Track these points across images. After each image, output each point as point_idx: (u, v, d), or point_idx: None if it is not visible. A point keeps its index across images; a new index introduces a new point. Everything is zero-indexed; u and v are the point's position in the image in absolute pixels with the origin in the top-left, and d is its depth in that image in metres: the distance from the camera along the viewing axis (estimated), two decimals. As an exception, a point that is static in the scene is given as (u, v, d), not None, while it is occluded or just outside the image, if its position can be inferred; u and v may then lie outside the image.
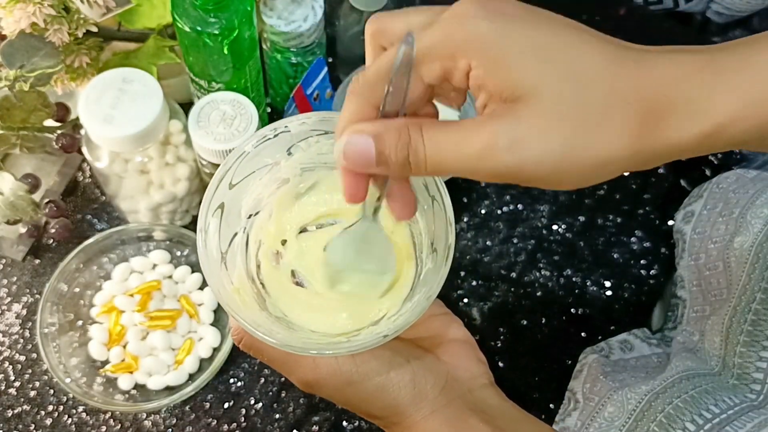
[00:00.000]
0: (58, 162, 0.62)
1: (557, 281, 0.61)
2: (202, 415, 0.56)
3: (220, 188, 0.38)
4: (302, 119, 0.38)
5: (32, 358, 0.57)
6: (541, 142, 0.28)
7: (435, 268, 0.37)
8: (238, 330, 0.39)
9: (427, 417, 0.38)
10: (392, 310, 0.39)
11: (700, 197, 0.58)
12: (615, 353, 0.55)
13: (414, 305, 0.37)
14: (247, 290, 0.39)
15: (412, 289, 0.39)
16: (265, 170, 0.39)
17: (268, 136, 0.38)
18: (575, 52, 0.29)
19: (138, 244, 0.60)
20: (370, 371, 0.38)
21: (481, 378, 0.41)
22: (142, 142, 0.52)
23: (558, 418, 0.52)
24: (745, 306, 0.48)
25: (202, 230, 0.37)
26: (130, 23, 0.56)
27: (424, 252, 0.39)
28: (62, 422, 0.55)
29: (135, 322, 0.56)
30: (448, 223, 0.36)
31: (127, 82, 0.51)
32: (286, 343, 0.35)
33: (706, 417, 0.44)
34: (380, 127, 0.31)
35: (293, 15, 0.58)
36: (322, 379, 0.38)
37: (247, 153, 0.38)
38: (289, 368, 0.39)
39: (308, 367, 0.38)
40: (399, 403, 0.38)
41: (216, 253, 0.37)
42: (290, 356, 0.38)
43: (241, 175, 0.38)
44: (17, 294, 0.60)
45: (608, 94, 0.28)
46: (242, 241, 0.40)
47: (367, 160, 0.31)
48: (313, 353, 0.36)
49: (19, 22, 0.50)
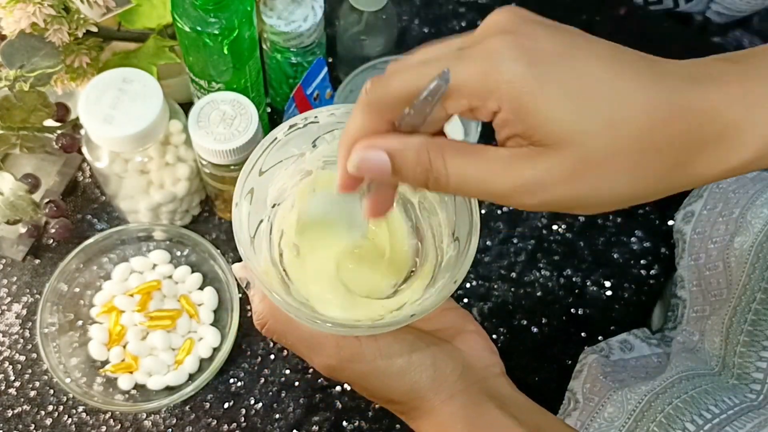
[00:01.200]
0: (58, 162, 0.62)
1: (557, 281, 0.61)
2: (202, 415, 0.56)
3: (252, 173, 0.38)
4: (331, 110, 0.38)
5: (32, 358, 0.57)
6: (568, 189, 0.28)
7: (458, 255, 0.37)
8: (264, 314, 0.39)
9: (445, 401, 0.39)
10: (414, 296, 0.39)
11: (700, 197, 0.58)
12: (615, 353, 0.55)
13: (439, 289, 0.37)
14: (272, 275, 0.39)
15: (433, 276, 0.39)
16: (291, 160, 0.40)
17: (298, 125, 0.38)
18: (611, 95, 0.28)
19: (138, 244, 0.60)
20: (392, 353, 0.38)
21: (494, 368, 0.42)
22: (142, 142, 0.52)
23: (558, 418, 0.52)
24: (745, 306, 0.48)
25: (237, 207, 0.37)
26: (130, 23, 0.56)
27: (444, 242, 0.40)
28: (62, 422, 0.55)
29: (135, 322, 0.56)
30: (472, 212, 0.36)
31: (127, 82, 0.51)
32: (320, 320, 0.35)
33: (706, 417, 0.44)
34: (398, 145, 0.30)
35: (293, 15, 0.58)
36: (345, 362, 0.38)
37: (278, 140, 0.38)
38: (312, 352, 0.39)
39: (332, 349, 0.38)
40: (420, 387, 0.39)
41: (246, 236, 0.37)
42: (314, 339, 0.39)
43: (270, 163, 0.39)
44: (17, 294, 0.60)
45: (643, 141, 0.28)
46: (267, 228, 0.40)
47: (382, 174, 0.30)
48: (342, 331, 0.36)
49: (19, 22, 0.50)
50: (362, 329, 0.36)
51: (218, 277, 0.58)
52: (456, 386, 0.39)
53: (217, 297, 0.58)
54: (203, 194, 0.61)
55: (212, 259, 0.58)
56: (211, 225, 0.63)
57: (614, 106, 0.28)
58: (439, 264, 0.40)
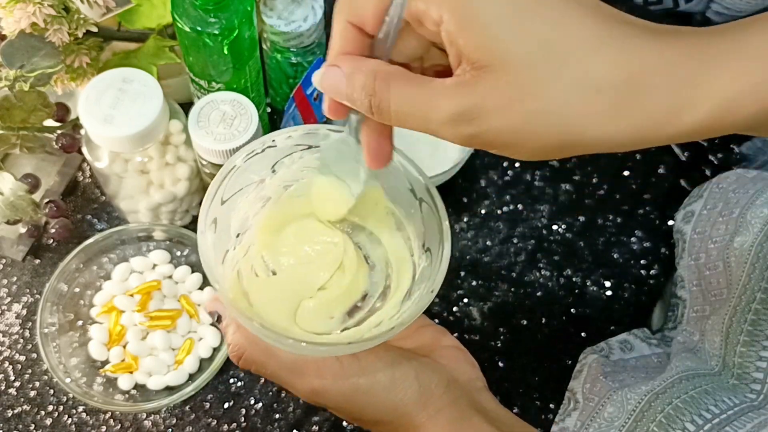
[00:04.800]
0: (58, 162, 0.62)
1: (557, 281, 0.61)
2: (202, 415, 0.56)
3: (214, 202, 0.37)
4: (289, 132, 0.38)
5: (32, 358, 0.57)
6: (502, 119, 0.27)
7: (431, 265, 0.37)
8: (239, 345, 0.39)
9: (433, 416, 0.38)
10: (391, 311, 0.39)
11: (700, 197, 0.58)
12: (615, 353, 0.55)
13: (416, 300, 0.37)
14: (242, 302, 0.39)
15: (409, 290, 0.39)
16: (251, 187, 0.39)
17: (256, 151, 0.38)
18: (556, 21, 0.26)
19: (138, 244, 0.60)
20: (375, 370, 0.38)
21: (477, 381, 0.41)
22: (142, 142, 0.52)
23: (558, 419, 0.52)
24: (745, 306, 0.48)
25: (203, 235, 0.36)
26: (130, 23, 0.56)
27: (415, 254, 0.39)
28: (62, 422, 0.55)
29: (135, 322, 0.56)
30: (440, 220, 0.36)
31: (127, 82, 0.51)
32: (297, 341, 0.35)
33: (706, 417, 0.44)
34: (352, 67, 0.30)
35: (293, 15, 0.58)
36: (328, 385, 0.37)
37: (237, 167, 0.38)
38: (294, 377, 0.38)
39: (313, 373, 0.37)
40: (406, 402, 0.38)
41: (213, 264, 0.37)
42: (294, 365, 0.38)
43: (231, 191, 0.38)
44: (17, 294, 0.60)
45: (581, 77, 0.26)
46: (233, 257, 0.40)
47: (339, 94, 0.30)
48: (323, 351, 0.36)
49: (19, 22, 0.50)
50: (342, 347, 0.35)
51: (218, 277, 0.58)
52: (442, 400, 0.39)
53: (217, 297, 0.58)
54: (203, 194, 0.61)
55: (212, 259, 0.58)
56: (211, 225, 0.63)
57: (560, 31, 0.26)
58: (413, 277, 0.39)
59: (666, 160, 0.66)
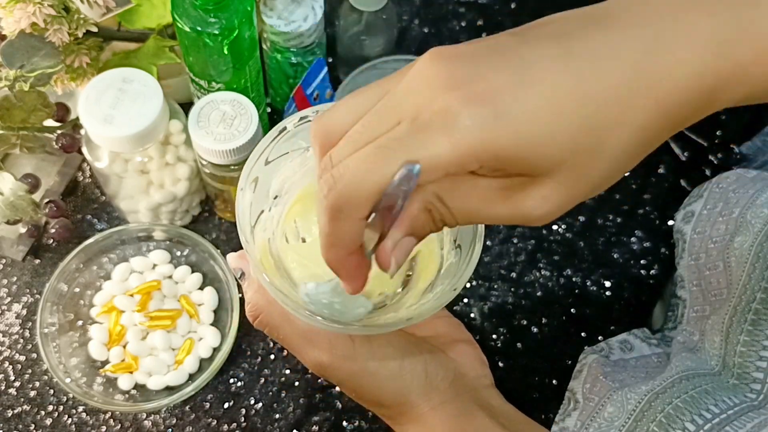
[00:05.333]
0: (58, 162, 0.62)
1: (557, 281, 0.61)
2: (202, 415, 0.56)
3: (258, 162, 0.37)
4: None
5: (32, 358, 0.57)
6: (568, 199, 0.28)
7: (459, 262, 0.37)
8: (257, 305, 0.39)
9: (435, 407, 0.39)
10: (411, 301, 0.39)
11: (700, 197, 0.58)
12: (615, 353, 0.55)
13: (437, 295, 0.37)
14: (269, 265, 0.39)
15: (433, 282, 0.39)
16: (297, 153, 0.39)
17: (308, 117, 0.38)
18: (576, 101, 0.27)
19: (138, 244, 0.60)
20: (385, 355, 0.38)
21: (485, 378, 0.42)
22: (142, 142, 0.52)
23: (558, 419, 0.52)
24: (746, 306, 0.48)
25: (242, 192, 0.36)
26: (130, 23, 0.56)
27: (445, 248, 0.39)
28: (62, 422, 0.55)
29: (135, 322, 0.56)
30: None
31: (127, 82, 0.51)
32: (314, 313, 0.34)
33: (706, 417, 0.44)
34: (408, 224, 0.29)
35: (293, 15, 0.58)
36: (336, 361, 0.38)
37: (287, 131, 0.38)
38: (305, 346, 0.38)
39: (324, 347, 0.38)
40: (410, 392, 0.38)
41: (247, 223, 0.37)
42: (307, 334, 0.38)
43: (277, 154, 0.38)
44: (17, 294, 0.60)
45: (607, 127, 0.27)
46: (267, 219, 0.40)
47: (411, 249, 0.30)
48: (337, 328, 0.35)
49: (19, 22, 0.50)
50: (356, 328, 0.36)
51: (218, 277, 0.58)
52: (446, 394, 0.39)
53: (217, 297, 0.58)
54: (203, 194, 0.61)
55: (212, 259, 0.58)
56: (211, 225, 0.63)
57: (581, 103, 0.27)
58: (439, 270, 0.39)
59: (666, 160, 0.66)
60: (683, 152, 0.66)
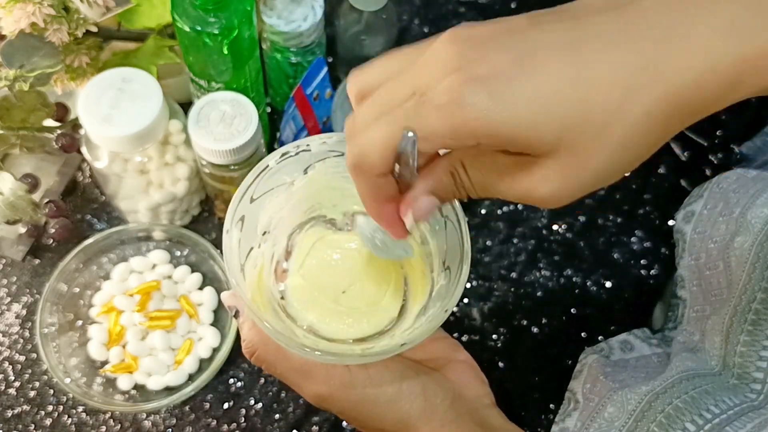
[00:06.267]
0: (58, 162, 0.62)
1: (557, 281, 0.61)
2: (201, 415, 0.56)
3: (243, 200, 0.38)
4: (323, 138, 0.38)
5: (32, 358, 0.57)
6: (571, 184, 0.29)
7: (448, 284, 0.37)
8: (253, 342, 0.39)
9: (436, 430, 0.38)
10: (405, 325, 0.39)
11: (701, 197, 0.58)
12: (615, 353, 0.55)
13: (429, 318, 0.37)
14: (261, 302, 0.39)
15: (425, 306, 0.39)
16: (282, 188, 0.40)
17: (290, 153, 0.38)
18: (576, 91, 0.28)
19: (137, 244, 0.60)
20: (382, 381, 0.38)
21: (485, 398, 0.41)
22: (142, 142, 0.52)
23: (558, 419, 0.52)
24: (746, 306, 0.48)
25: (228, 234, 0.37)
26: (129, 23, 0.56)
27: (435, 271, 0.40)
28: (62, 422, 0.55)
29: (134, 322, 0.56)
30: (462, 242, 0.36)
31: (127, 81, 0.51)
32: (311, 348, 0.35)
33: (706, 417, 0.44)
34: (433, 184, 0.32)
35: (293, 15, 0.58)
36: (335, 391, 0.38)
37: (270, 168, 0.38)
38: (302, 380, 0.39)
39: (321, 379, 0.38)
40: (410, 416, 0.38)
41: (236, 263, 0.37)
42: (304, 368, 0.38)
43: (262, 191, 0.39)
44: (17, 294, 0.60)
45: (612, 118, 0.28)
46: (257, 255, 0.40)
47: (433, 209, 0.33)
48: (332, 360, 0.36)
49: (18, 22, 0.50)
50: (352, 358, 0.36)
51: (218, 277, 0.58)
52: (447, 416, 0.39)
53: (217, 297, 0.58)
54: (203, 194, 0.61)
55: (212, 259, 0.58)
56: (211, 225, 0.63)
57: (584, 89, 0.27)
58: (431, 293, 0.40)
59: (666, 160, 0.66)
60: (683, 152, 0.66)
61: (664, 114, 0.28)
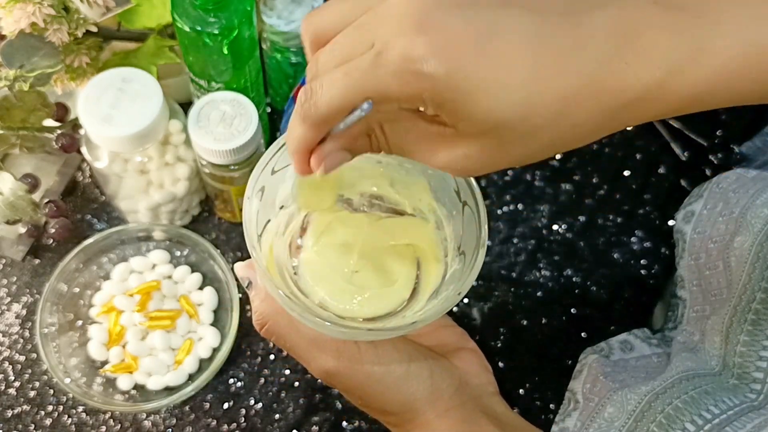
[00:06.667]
0: (58, 162, 0.62)
1: (557, 281, 0.61)
2: (201, 415, 0.56)
3: (264, 171, 0.38)
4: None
5: (32, 358, 0.57)
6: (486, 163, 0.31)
7: (463, 268, 0.37)
8: (264, 314, 0.39)
9: (441, 415, 0.39)
10: (416, 306, 0.39)
11: (701, 197, 0.58)
12: (615, 353, 0.55)
13: (442, 300, 0.37)
14: (276, 274, 0.39)
15: (437, 289, 0.39)
16: None
17: None
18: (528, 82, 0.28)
19: (137, 244, 0.60)
20: (391, 360, 0.38)
21: (489, 386, 0.42)
22: (142, 142, 0.52)
23: (558, 419, 0.52)
24: (746, 306, 0.48)
25: (249, 201, 0.37)
26: (129, 23, 0.56)
27: (449, 255, 0.40)
28: (62, 422, 0.55)
29: (134, 322, 0.56)
30: (480, 226, 0.37)
31: (127, 81, 0.51)
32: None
33: (706, 417, 0.44)
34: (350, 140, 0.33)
35: (293, 15, 0.58)
36: (343, 368, 0.38)
37: None
38: (310, 356, 0.39)
39: (330, 354, 0.38)
40: (416, 398, 0.39)
41: (254, 232, 0.37)
42: (314, 342, 0.38)
43: (283, 164, 0.39)
44: (17, 294, 0.60)
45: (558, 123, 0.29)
46: (273, 228, 0.40)
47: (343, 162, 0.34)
48: (344, 334, 0.36)
49: (18, 22, 0.50)
50: (362, 333, 0.36)
51: (218, 277, 0.58)
52: (452, 401, 0.39)
53: (217, 297, 0.58)
54: (203, 194, 0.61)
55: (212, 259, 0.58)
56: (211, 225, 0.63)
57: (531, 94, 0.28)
58: (444, 276, 0.40)
59: (666, 160, 0.66)
60: (683, 152, 0.66)
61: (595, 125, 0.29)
